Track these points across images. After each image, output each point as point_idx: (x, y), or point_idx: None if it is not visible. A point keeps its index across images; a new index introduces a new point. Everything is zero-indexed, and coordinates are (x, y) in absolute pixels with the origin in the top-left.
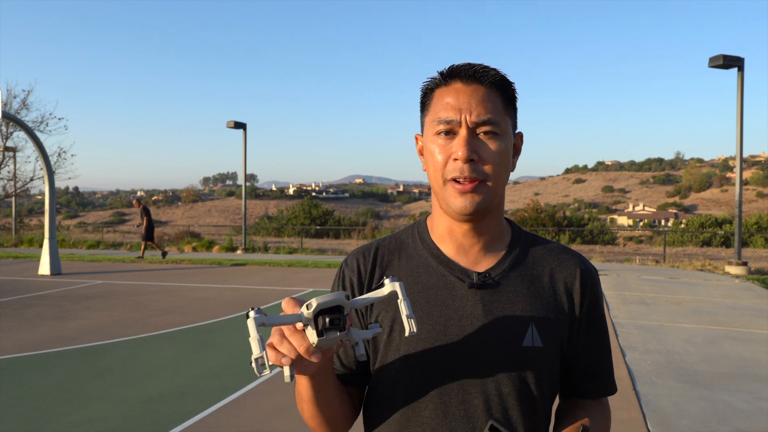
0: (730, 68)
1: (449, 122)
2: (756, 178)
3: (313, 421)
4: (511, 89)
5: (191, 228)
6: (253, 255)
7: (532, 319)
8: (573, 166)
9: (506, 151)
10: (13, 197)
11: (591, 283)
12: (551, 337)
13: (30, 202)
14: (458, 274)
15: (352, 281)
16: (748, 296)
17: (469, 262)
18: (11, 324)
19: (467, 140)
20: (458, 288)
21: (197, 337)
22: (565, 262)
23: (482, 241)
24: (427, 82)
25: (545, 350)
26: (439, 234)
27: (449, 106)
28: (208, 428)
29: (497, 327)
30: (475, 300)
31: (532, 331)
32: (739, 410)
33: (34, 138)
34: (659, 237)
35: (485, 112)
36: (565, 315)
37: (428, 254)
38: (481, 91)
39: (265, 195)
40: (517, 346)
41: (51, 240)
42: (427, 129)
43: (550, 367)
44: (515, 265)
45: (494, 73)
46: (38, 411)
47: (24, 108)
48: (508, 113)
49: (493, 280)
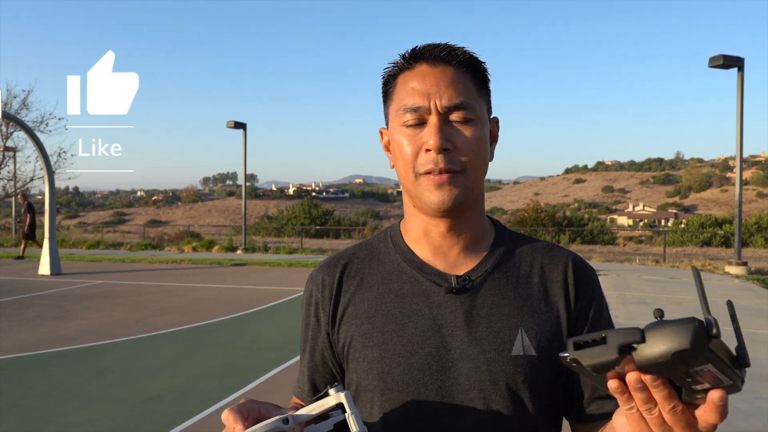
0: (730, 68)
1: (417, 109)
2: (756, 178)
3: None
4: (482, 69)
5: (191, 228)
6: (253, 255)
7: (521, 324)
8: (573, 166)
9: (483, 138)
10: (13, 197)
11: (587, 280)
12: (546, 344)
13: None
14: (434, 279)
15: (318, 299)
16: (748, 296)
17: (448, 265)
18: (11, 324)
19: (439, 128)
20: (434, 294)
21: (197, 337)
22: (556, 258)
23: (462, 241)
24: (389, 68)
25: (539, 359)
26: (414, 236)
27: (415, 92)
28: (208, 428)
29: (481, 335)
30: (455, 306)
31: (521, 338)
32: (739, 410)
33: (34, 138)
34: (659, 237)
35: (456, 94)
36: (561, 318)
37: (401, 259)
38: (449, 72)
39: (265, 195)
40: (504, 355)
41: (51, 240)
42: (393, 120)
43: (547, 375)
44: (499, 265)
45: (462, 52)
46: (38, 411)
47: (24, 108)
48: (481, 96)
49: (473, 283)
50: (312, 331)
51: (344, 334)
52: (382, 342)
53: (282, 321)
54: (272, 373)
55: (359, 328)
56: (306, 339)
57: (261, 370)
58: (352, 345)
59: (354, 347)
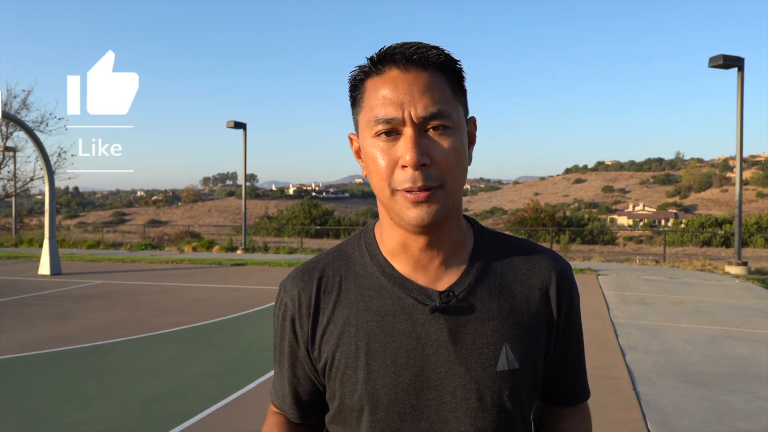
0: (730, 68)
1: (390, 121)
2: (756, 178)
3: None
4: (457, 69)
5: (191, 228)
6: (253, 255)
7: (505, 339)
8: (573, 166)
9: (461, 147)
10: (13, 197)
11: (568, 285)
12: (527, 355)
13: (30, 202)
14: (417, 296)
15: (293, 314)
16: (748, 296)
17: (429, 279)
18: (11, 324)
19: (415, 141)
20: (418, 312)
21: (197, 337)
22: (537, 264)
23: (442, 254)
24: (355, 72)
25: (522, 371)
26: (391, 248)
27: (387, 101)
28: (208, 428)
29: (467, 353)
30: (439, 324)
31: (506, 352)
32: (739, 410)
33: (34, 138)
34: (659, 237)
35: (432, 103)
36: (543, 326)
37: (380, 273)
38: (423, 78)
39: (265, 195)
40: (490, 371)
41: (51, 240)
42: (363, 130)
43: (527, 389)
44: (481, 276)
45: (436, 53)
46: (38, 411)
47: (24, 108)
48: (458, 99)
49: (457, 298)
50: (289, 346)
51: (325, 353)
52: (366, 363)
53: None
54: (272, 373)
55: (340, 348)
56: (282, 352)
57: (261, 370)
58: (333, 365)
59: (336, 367)
